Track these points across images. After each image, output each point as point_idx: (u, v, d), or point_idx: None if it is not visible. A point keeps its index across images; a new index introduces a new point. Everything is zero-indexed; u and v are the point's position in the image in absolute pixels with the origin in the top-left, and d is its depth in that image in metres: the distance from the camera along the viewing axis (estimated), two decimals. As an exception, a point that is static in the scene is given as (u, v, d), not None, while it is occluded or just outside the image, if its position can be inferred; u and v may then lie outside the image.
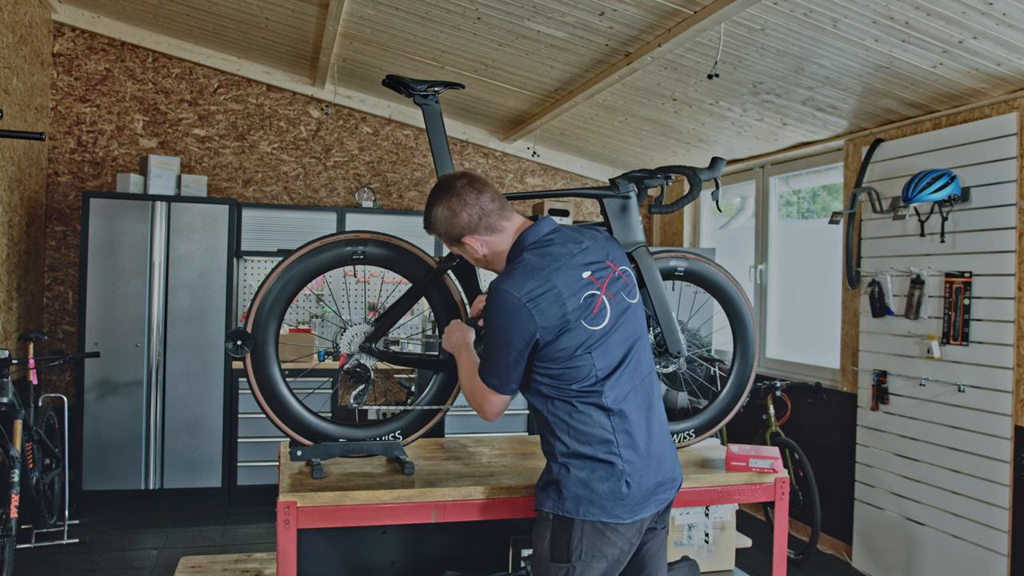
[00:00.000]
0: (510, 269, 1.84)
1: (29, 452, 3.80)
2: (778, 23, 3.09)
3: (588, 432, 1.83)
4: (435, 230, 1.94)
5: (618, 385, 1.85)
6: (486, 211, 1.88)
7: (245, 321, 2.23)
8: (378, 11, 3.95)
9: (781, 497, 2.34)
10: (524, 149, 6.10)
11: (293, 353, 5.22)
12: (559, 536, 1.83)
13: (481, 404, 1.92)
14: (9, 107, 4.44)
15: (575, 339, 1.80)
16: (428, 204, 1.93)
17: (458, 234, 1.91)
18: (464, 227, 1.89)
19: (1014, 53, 3.03)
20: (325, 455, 2.26)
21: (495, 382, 1.87)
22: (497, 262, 1.95)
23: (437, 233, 1.95)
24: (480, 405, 1.93)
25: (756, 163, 5.18)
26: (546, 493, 1.88)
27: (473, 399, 1.94)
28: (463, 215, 1.87)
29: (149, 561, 4.04)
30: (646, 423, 1.89)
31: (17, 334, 4.68)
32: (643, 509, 1.85)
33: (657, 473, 1.88)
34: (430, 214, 1.92)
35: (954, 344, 3.56)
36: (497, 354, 1.84)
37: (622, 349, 1.87)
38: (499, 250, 1.92)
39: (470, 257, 1.99)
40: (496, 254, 1.93)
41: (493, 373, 1.87)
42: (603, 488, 1.82)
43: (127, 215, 4.79)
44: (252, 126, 5.65)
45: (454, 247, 1.98)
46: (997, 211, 3.37)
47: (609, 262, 1.91)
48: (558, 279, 1.80)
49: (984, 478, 3.41)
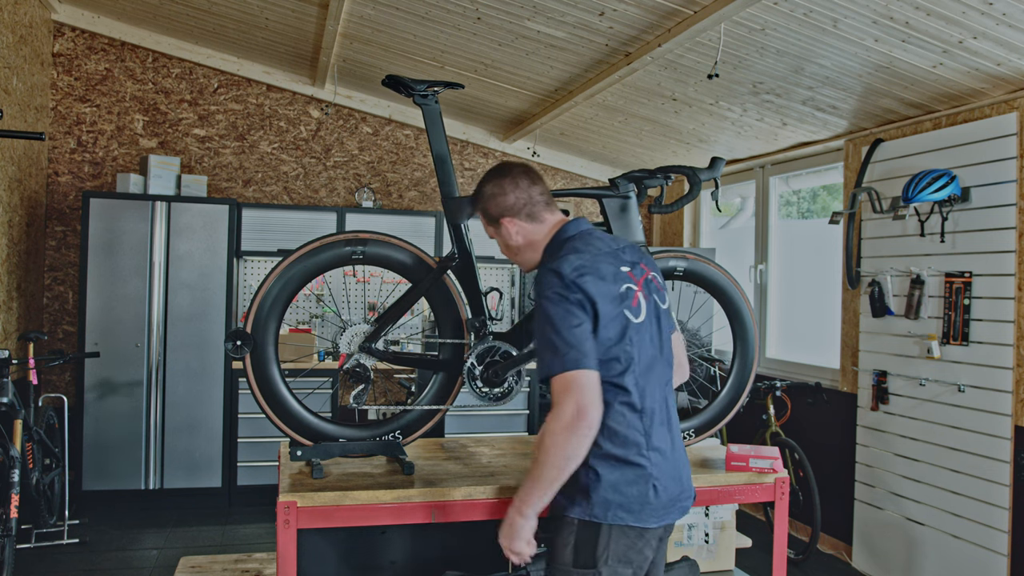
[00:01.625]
0: (555, 255, 1.86)
1: (29, 452, 3.80)
2: (778, 23, 3.09)
3: (622, 433, 1.80)
4: (479, 205, 2.00)
5: (648, 385, 1.85)
6: (533, 199, 1.95)
7: (245, 321, 2.23)
8: (378, 11, 3.95)
9: (781, 497, 2.34)
10: (524, 149, 6.10)
11: (293, 353, 5.22)
12: (585, 542, 1.80)
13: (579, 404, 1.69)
14: (9, 107, 4.44)
15: (619, 325, 1.79)
16: (481, 181, 2.00)
17: (500, 213, 1.96)
18: (508, 208, 1.95)
19: (1014, 53, 3.03)
20: (325, 455, 2.26)
21: (573, 356, 1.72)
22: (527, 252, 1.99)
23: (481, 209, 1.99)
24: (579, 407, 1.69)
25: (756, 163, 5.18)
26: (570, 497, 1.81)
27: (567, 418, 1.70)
28: (511, 196, 1.95)
29: (149, 561, 4.04)
30: (668, 429, 1.89)
31: (17, 334, 4.68)
32: (668, 515, 1.85)
33: (680, 479, 1.89)
34: (480, 189, 2.00)
35: (954, 344, 3.56)
36: (563, 326, 1.74)
37: (653, 349, 1.88)
38: (533, 240, 1.97)
39: (503, 242, 2.02)
40: (529, 244, 1.98)
41: (566, 348, 1.72)
42: (633, 492, 1.79)
43: (127, 215, 4.79)
44: (252, 126, 5.65)
45: (491, 227, 2.02)
46: (997, 211, 3.37)
47: (643, 265, 1.95)
48: (602, 265, 1.83)
49: (984, 478, 3.41)
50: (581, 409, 1.70)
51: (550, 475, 1.73)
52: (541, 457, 1.73)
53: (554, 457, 1.71)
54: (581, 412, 1.70)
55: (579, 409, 1.70)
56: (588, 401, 1.71)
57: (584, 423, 1.70)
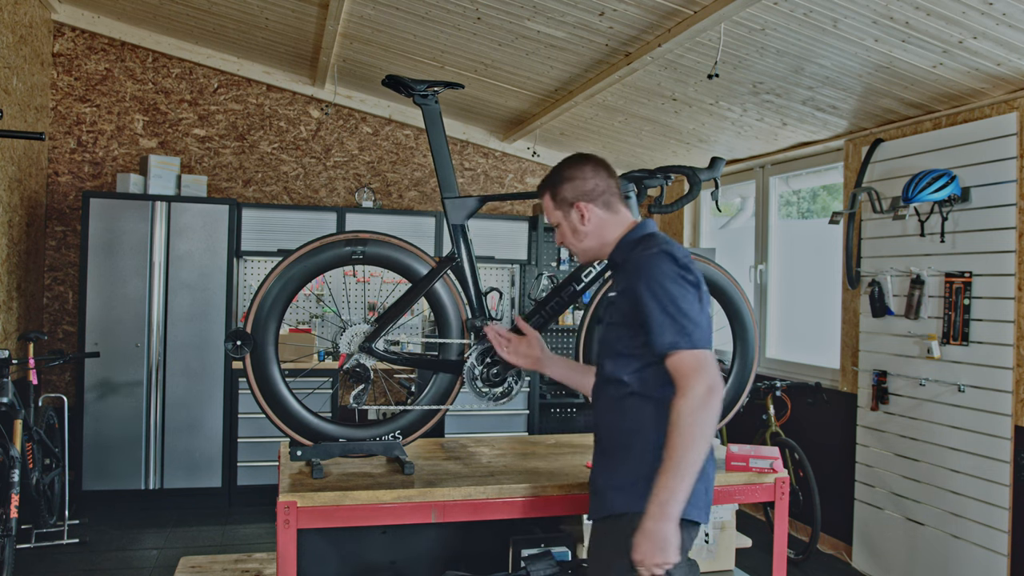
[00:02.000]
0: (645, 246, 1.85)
1: (29, 452, 3.80)
2: (778, 23, 3.09)
3: None
4: (554, 186, 1.98)
5: None
6: (611, 189, 1.97)
7: (245, 321, 2.23)
8: (378, 11, 3.95)
9: (781, 497, 2.34)
10: (524, 149, 6.10)
11: (293, 353, 5.22)
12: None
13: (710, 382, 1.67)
14: (9, 107, 4.44)
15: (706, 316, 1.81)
16: (559, 165, 1.99)
17: (576, 197, 1.95)
18: (586, 193, 1.95)
19: (1014, 53, 3.03)
20: (325, 455, 2.26)
21: (699, 334, 1.72)
22: (591, 241, 1.97)
23: (554, 190, 1.97)
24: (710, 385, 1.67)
25: (756, 163, 5.18)
26: (633, 493, 1.77)
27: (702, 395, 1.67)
28: (591, 182, 1.95)
29: (149, 561, 4.04)
30: None
31: (17, 334, 4.68)
32: (711, 511, 1.89)
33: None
34: (560, 172, 1.98)
35: (954, 344, 3.56)
36: (686, 305, 1.73)
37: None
38: (603, 230, 1.96)
39: (569, 226, 1.97)
40: (597, 233, 1.96)
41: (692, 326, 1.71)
42: (699, 488, 1.79)
43: (127, 215, 4.79)
44: (252, 126, 5.65)
45: (559, 211, 1.98)
46: (997, 211, 3.37)
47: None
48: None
49: (984, 478, 3.41)
50: (713, 387, 1.69)
51: (694, 458, 1.66)
52: (682, 442, 1.65)
53: (697, 438, 1.65)
54: (713, 389, 1.68)
55: (711, 387, 1.68)
56: (718, 380, 1.70)
57: (716, 399, 1.68)
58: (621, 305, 1.86)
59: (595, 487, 1.92)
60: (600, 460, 1.93)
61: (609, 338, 1.92)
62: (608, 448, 1.90)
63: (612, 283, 1.98)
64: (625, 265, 1.89)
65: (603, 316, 2.01)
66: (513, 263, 5.81)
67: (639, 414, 1.82)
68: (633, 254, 1.87)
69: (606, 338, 1.94)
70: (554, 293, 2.37)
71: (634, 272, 1.81)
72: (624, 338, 1.85)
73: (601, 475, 1.90)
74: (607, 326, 1.95)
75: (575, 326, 6.10)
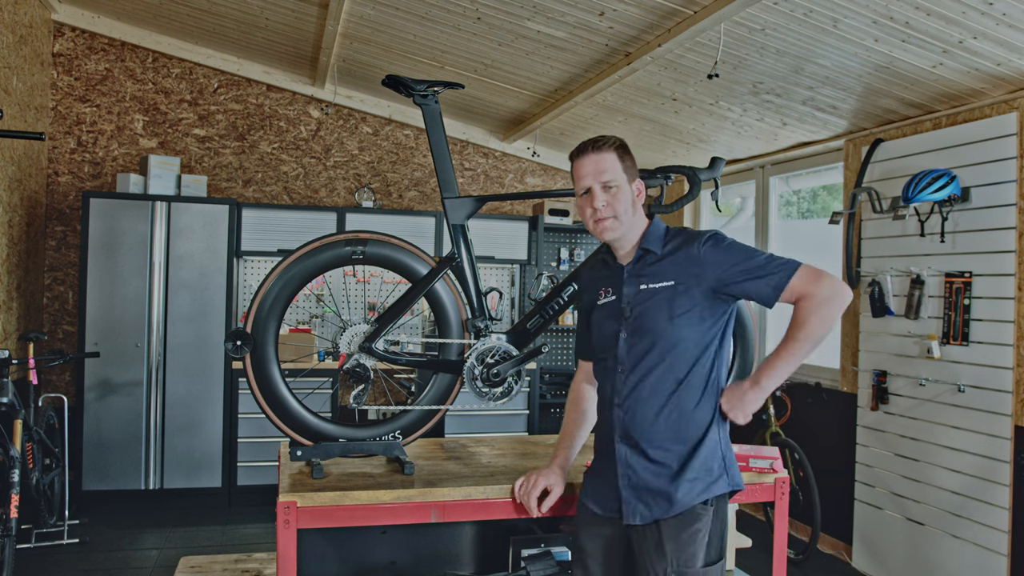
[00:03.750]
0: (688, 230, 1.93)
1: (29, 452, 3.80)
2: (778, 23, 3.09)
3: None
4: (622, 150, 1.91)
5: None
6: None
7: (245, 321, 2.23)
8: (378, 11, 3.95)
9: (781, 497, 2.33)
10: (524, 149, 6.10)
11: (293, 353, 5.22)
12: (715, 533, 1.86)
13: (831, 279, 1.78)
14: (9, 107, 4.44)
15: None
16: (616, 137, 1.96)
17: (635, 174, 1.94)
18: (638, 176, 1.97)
19: (1014, 53, 3.03)
20: (325, 455, 2.26)
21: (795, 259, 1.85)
22: (629, 221, 1.91)
23: (622, 154, 1.91)
24: (833, 287, 1.77)
25: (756, 163, 5.18)
26: (709, 478, 1.85)
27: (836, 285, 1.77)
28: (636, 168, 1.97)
29: (149, 561, 4.04)
30: None
31: (17, 334, 4.68)
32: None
33: None
34: (624, 144, 1.94)
35: (954, 344, 3.56)
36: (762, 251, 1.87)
37: None
38: (637, 214, 1.94)
39: (625, 199, 1.89)
40: (634, 216, 1.93)
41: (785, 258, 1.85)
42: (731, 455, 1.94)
43: (127, 215, 4.79)
44: (252, 126, 5.65)
45: (625, 174, 1.90)
46: (997, 211, 3.37)
47: None
48: None
49: (984, 478, 3.41)
50: (837, 288, 1.77)
51: (806, 352, 1.83)
52: (804, 333, 1.78)
53: (816, 334, 1.79)
54: (837, 291, 1.77)
55: (837, 284, 1.77)
56: (843, 285, 1.79)
57: (841, 300, 1.77)
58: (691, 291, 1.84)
59: (649, 486, 1.85)
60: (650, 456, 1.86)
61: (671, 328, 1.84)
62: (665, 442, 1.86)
63: (644, 274, 1.90)
64: (677, 254, 1.88)
65: (638, 310, 1.89)
66: (513, 263, 5.81)
67: (691, 389, 1.86)
68: (681, 242, 1.89)
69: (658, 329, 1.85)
70: (554, 293, 2.37)
71: (707, 252, 1.85)
72: (691, 326, 1.85)
73: (660, 474, 1.85)
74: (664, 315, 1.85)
75: (575, 326, 6.09)
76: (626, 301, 1.92)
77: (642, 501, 1.85)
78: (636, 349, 1.88)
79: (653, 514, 1.84)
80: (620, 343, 1.91)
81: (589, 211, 1.90)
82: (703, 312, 1.85)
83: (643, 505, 1.85)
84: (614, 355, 1.92)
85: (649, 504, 1.84)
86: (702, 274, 1.83)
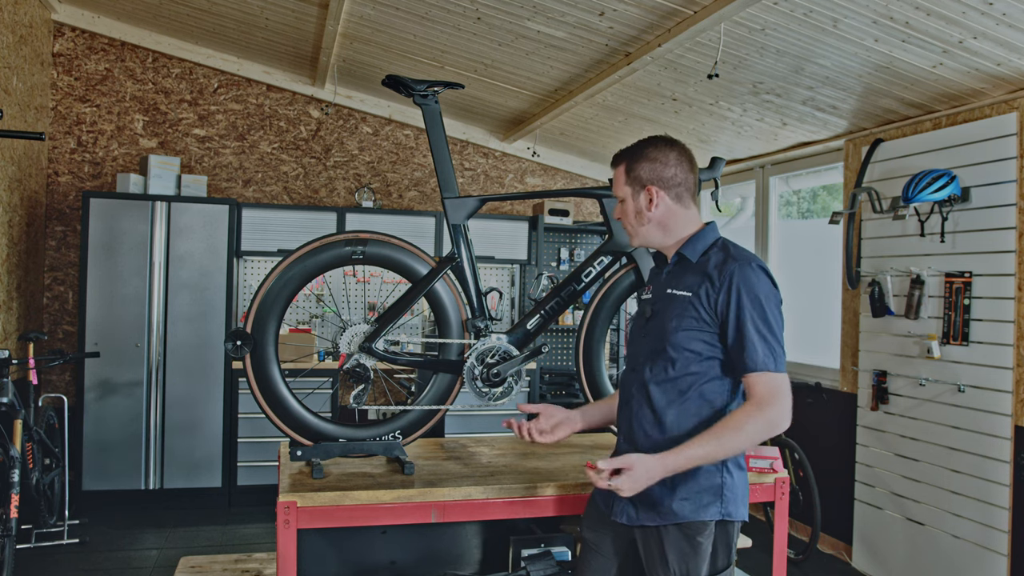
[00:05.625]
0: (736, 249, 1.84)
1: (29, 452, 3.80)
2: (778, 23, 3.09)
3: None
4: (632, 160, 1.88)
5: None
6: (688, 184, 1.88)
7: (245, 321, 2.23)
8: (378, 11, 3.95)
9: (781, 497, 2.33)
10: (524, 149, 6.10)
11: (293, 353, 5.22)
12: (721, 544, 1.82)
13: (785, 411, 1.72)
14: (9, 107, 4.44)
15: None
16: (644, 142, 1.90)
17: (650, 180, 1.86)
18: (663, 179, 1.86)
19: (1014, 53, 3.03)
20: (325, 455, 2.26)
21: (783, 361, 1.75)
22: (653, 228, 1.88)
23: (631, 163, 1.88)
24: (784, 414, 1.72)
25: (756, 163, 5.18)
26: (700, 501, 1.78)
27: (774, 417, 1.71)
28: (672, 169, 1.86)
29: (149, 561, 4.04)
30: None
31: (17, 334, 4.68)
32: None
33: None
34: (643, 149, 1.88)
35: (954, 344, 3.56)
36: (776, 324, 1.76)
37: None
38: (668, 221, 1.88)
39: (634, 208, 1.88)
40: (661, 223, 1.88)
41: (781, 352, 1.75)
42: (746, 491, 1.86)
43: (127, 215, 4.79)
44: (252, 126, 5.65)
45: (629, 186, 1.88)
46: (997, 211, 3.37)
47: None
48: None
49: (984, 478, 3.41)
50: (786, 416, 1.73)
51: (723, 453, 1.71)
52: (732, 440, 1.69)
53: (742, 446, 1.71)
54: (785, 418, 1.72)
55: (784, 416, 1.72)
56: (789, 410, 1.74)
57: (782, 428, 1.73)
58: (699, 307, 1.79)
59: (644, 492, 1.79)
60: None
61: (674, 337, 1.80)
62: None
63: (674, 279, 1.87)
64: (707, 267, 1.82)
65: (657, 311, 1.88)
66: (513, 263, 5.81)
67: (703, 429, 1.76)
68: (717, 258, 1.82)
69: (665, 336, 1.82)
70: (554, 293, 2.37)
71: (727, 280, 1.77)
72: (695, 340, 1.79)
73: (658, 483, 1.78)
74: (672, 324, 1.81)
75: (575, 326, 6.09)
76: (652, 301, 1.92)
77: (631, 503, 1.85)
78: (645, 352, 1.88)
79: (640, 519, 1.83)
80: (638, 342, 1.92)
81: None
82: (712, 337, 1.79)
83: (631, 507, 1.85)
84: (632, 353, 1.94)
85: (636, 507, 1.84)
86: (731, 298, 1.77)
